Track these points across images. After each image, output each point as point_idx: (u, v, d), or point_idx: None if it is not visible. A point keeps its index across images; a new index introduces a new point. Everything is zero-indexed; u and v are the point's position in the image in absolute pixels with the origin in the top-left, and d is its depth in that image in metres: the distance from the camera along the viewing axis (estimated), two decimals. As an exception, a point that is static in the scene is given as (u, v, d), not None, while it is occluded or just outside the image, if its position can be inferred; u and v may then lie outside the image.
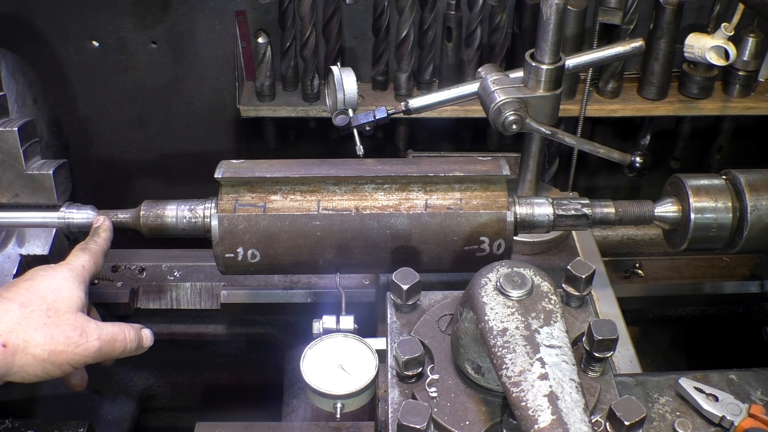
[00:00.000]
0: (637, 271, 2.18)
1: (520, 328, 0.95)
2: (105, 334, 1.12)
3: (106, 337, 1.12)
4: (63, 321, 1.08)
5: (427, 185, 1.32)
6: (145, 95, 2.32)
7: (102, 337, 1.12)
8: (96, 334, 1.11)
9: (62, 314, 1.09)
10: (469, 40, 2.13)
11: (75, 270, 1.18)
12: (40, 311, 1.07)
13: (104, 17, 2.16)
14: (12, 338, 1.02)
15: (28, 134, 1.34)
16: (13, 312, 1.05)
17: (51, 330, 1.06)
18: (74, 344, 1.08)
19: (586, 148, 1.56)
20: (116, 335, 1.15)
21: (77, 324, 1.10)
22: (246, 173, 1.31)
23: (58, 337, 1.06)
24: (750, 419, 1.10)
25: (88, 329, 1.10)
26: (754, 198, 1.34)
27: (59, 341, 1.06)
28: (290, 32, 2.13)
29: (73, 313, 1.11)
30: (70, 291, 1.13)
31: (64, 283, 1.14)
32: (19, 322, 1.04)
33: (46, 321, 1.07)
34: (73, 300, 1.13)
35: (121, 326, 1.17)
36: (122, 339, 1.16)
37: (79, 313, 1.12)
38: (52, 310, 1.09)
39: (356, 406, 1.18)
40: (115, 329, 1.15)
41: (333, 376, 1.16)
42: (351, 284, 1.89)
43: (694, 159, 2.52)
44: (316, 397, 1.17)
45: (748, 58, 2.13)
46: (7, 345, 1.01)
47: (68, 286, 1.14)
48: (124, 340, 1.16)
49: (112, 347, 1.14)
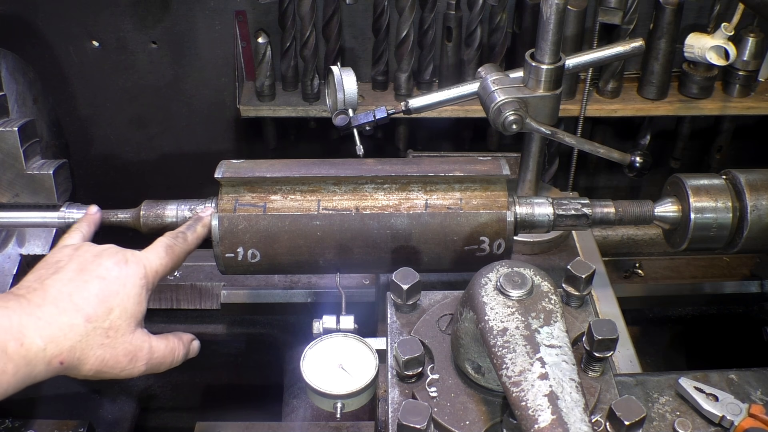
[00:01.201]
0: (637, 271, 2.19)
1: (520, 328, 0.95)
2: (154, 359, 1.08)
3: (155, 362, 1.08)
4: (119, 344, 1.03)
5: (427, 185, 1.32)
6: (145, 95, 2.32)
7: (150, 362, 1.07)
8: (145, 359, 1.06)
9: (121, 335, 1.03)
10: (469, 40, 2.13)
11: (149, 274, 1.10)
12: (102, 329, 1.01)
13: (104, 17, 2.16)
14: (70, 356, 0.97)
15: (28, 134, 1.34)
16: (78, 327, 0.99)
17: (106, 352, 1.01)
18: (120, 368, 1.04)
19: (586, 148, 1.56)
20: (165, 358, 1.10)
21: (131, 349, 1.04)
22: (246, 173, 1.31)
23: (109, 361, 1.02)
24: (750, 419, 1.10)
25: (140, 355, 1.05)
26: (754, 198, 1.34)
27: (108, 365, 1.02)
28: (290, 32, 2.13)
29: (131, 334, 1.04)
30: (135, 303, 1.06)
31: (133, 292, 1.06)
32: (80, 341, 0.98)
33: (104, 342, 1.01)
34: (135, 316, 1.06)
35: (173, 343, 1.11)
36: (170, 360, 1.11)
37: (137, 333, 1.06)
38: (113, 329, 1.02)
39: (356, 406, 1.18)
40: (166, 351, 1.09)
41: (333, 376, 1.16)
42: (351, 284, 1.89)
43: (694, 159, 2.52)
44: (316, 397, 1.17)
45: (748, 58, 2.13)
46: (64, 363, 0.97)
47: (135, 297, 1.06)
48: (172, 361, 1.11)
49: (156, 368, 1.09)
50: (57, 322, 0.97)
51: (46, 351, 0.94)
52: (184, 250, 1.19)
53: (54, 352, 0.95)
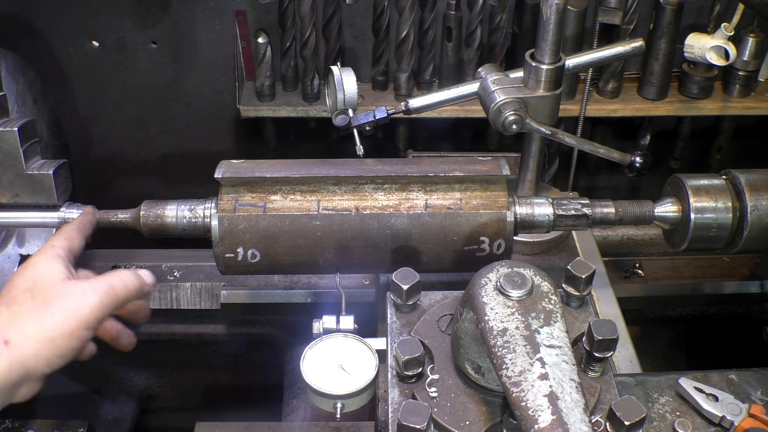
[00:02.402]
0: (637, 271, 2.18)
1: (520, 328, 0.95)
2: (101, 286, 1.08)
3: (103, 288, 1.08)
4: (50, 296, 1.05)
5: (427, 185, 1.32)
6: (145, 95, 2.32)
7: (98, 290, 1.08)
8: (90, 289, 1.07)
9: (47, 290, 1.06)
10: (469, 40, 2.13)
11: (44, 252, 1.14)
12: (26, 297, 1.04)
13: (104, 17, 2.16)
14: (11, 335, 0.99)
15: (28, 134, 1.34)
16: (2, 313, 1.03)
17: (43, 311, 1.03)
18: (73, 310, 1.04)
19: (586, 148, 1.56)
20: (112, 281, 1.10)
21: (67, 291, 1.06)
22: (246, 173, 1.31)
23: (53, 312, 1.03)
24: (750, 419, 1.10)
25: (80, 290, 1.06)
26: (754, 198, 1.34)
27: (57, 317, 1.03)
28: (290, 32, 2.13)
29: (59, 284, 1.07)
30: (47, 268, 1.09)
31: (39, 266, 1.10)
32: (11, 320, 1.01)
33: (35, 302, 1.04)
34: (52, 274, 1.08)
35: (115, 272, 1.13)
36: (120, 283, 1.11)
37: (65, 282, 1.08)
38: (35, 292, 1.05)
39: (356, 406, 1.18)
40: (108, 278, 1.11)
41: (333, 376, 1.16)
42: (351, 284, 1.89)
43: (694, 159, 2.52)
44: (316, 397, 1.17)
45: (748, 58, 2.13)
46: (8, 341, 0.98)
47: (43, 267, 1.10)
48: (123, 283, 1.12)
49: (113, 294, 1.09)
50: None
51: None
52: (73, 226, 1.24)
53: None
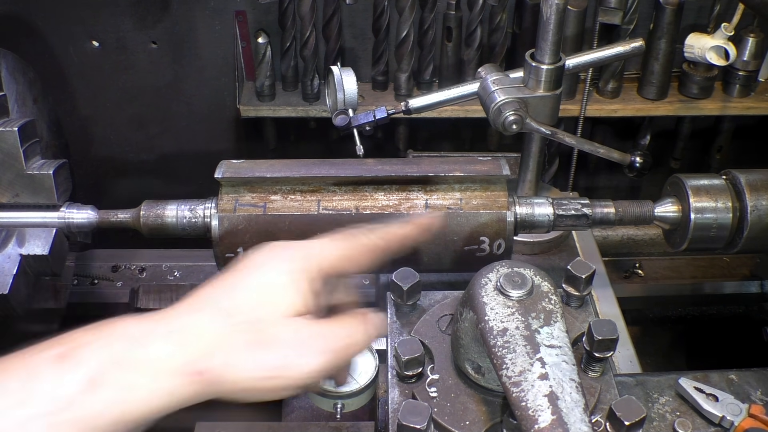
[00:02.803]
0: (637, 271, 2.19)
1: (520, 328, 0.95)
2: (332, 343, 0.83)
3: (334, 346, 0.83)
4: (271, 345, 0.79)
5: (427, 185, 1.32)
6: (145, 95, 2.32)
7: (328, 349, 0.82)
8: (318, 346, 0.81)
9: (272, 336, 0.80)
10: (469, 40, 2.13)
11: (304, 261, 0.87)
12: (245, 328, 0.79)
13: (104, 17, 2.16)
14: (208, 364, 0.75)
15: (28, 134, 1.34)
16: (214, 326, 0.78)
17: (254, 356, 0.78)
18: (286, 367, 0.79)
19: (586, 148, 1.56)
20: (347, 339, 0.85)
21: (292, 339, 0.81)
22: (246, 173, 1.31)
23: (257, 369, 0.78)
24: (750, 419, 1.10)
25: (306, 343, 0.81)
26: (754, 198, 1.34)
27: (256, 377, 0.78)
28: (290, 32, 2.13)
29: (286, 326, 0.81)
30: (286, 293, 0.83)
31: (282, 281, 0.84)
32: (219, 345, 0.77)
33: (250, 342, 0.79)
34: (288, 305, 0.82)
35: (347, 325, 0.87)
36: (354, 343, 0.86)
37: (294, 320, 0.82)
38: (260, 325, 0.80)
39: (356, 406, 1.18)
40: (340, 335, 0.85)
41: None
42: (351, 284, 1.89)
43: (694, 159, 2.52)
44: (316, 397, 1.17)
45: (748, 58, 2.13)
46: (202, 373, 0.75)
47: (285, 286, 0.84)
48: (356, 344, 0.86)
49: (343, 356, 0.84)
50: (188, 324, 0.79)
51: (175, 357, 0.75)
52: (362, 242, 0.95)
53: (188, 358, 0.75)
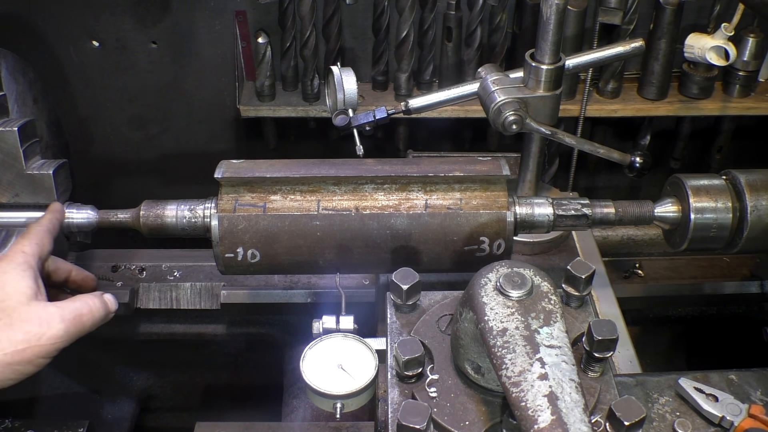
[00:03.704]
0: (637, 271, 2.18)
1: (519, 328, 0.95)
2: (68, 314, 1.07)
3: (70, 316, 1.07)
4: (15, 317, 1.03)
5: (427, 185, 1.32)
6: (145, 95, 2.32)
7: (65, 318, 1.06)
8: (57, 317, 1.05)
9: (13, 310, 1.03)
10: (469, 40, 2.13)
11: (14, 259, 1.11)
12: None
13: (104, 17, 2.16)
14: None
15: (28, 134, 1.34)
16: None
17: (5, 332, 1.01)
18: (36, 337, 1.02)
19: (586, 148, 1.56)
20: (80, 310, 1.09)
21: (32, 315, 1.04)
22: (246, 173, 1.31)
23: (15, 336, 1.01)
24: (750, 419, 1.10)
25: (47, 315, 1.05)
26: (754, 198, 1.34)
27: (18, 340, 1.01)
28: (290, 32, 2.13)
29: (26, 305, 1.05)
30: (15, 282, 1.07)
31: (5, 277, 1.07)
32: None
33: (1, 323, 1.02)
34: (20, 291, 1.06)
35: (83, 298, 1.12)
36: (87, 312, 1.10)
37: (32, 303, 1.06)
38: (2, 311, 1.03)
39: (356, 406, 1.18)
40: (76, 304, 1.10)
41: (333, 376, 1.16)
42: (351, 284, 1.89)
43: (694, 159, 2.52)
44: (316, 397, 1.17)
45: (748, 58, 2.13)
46: None
47: (11, 279, 1.07)
48: (90, 312, 1.11)
49: (80, 323, 1.08)
50: None
51: None
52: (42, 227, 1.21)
53: None
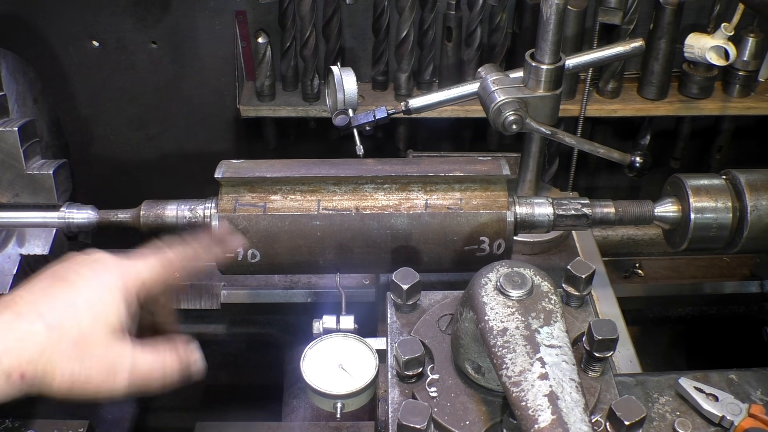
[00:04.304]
0: (637, 271, 2.18)
1: (520, 328, 0.95)
2: (138, 371, 0.95)
3: (139, 374, 0.96)
4: (92, 353, 0.92)
5: (427, 185, 1.32)
6: (145, 95, 2.32)
7: (134, 374, 0.95)
8: (126, 372, 0.94)
9: (93, 346, 0.92)
10: (469, 40, 2.13)
11: (126, 278, 0.98)
12: (68, 339, 0.90)
13: (104, 17, 2.16)
14: (31, 369, 0.87)
15: (28, 134, 1.34)
16: (38, 336, 0.88)
17: (74, 365, 0.90)
18: (96, 383, 0.92)
19: (586, 148, 1.56)
20: (152, 372, 0.97)
21: (108, 360, 0.93)
22: (246, 173, 1.31)
23: (81, 375, 0.91)
24: (750, 419, 1.10)
25: (119, 368, 0.94)
26: (754, 198, 1.34)
27: (80, 380, 0.91)
28: (290, 32, 2.13)
29: (104, 345, 0.93)
30: (111, 312, 0.95)
31: (106, 293, 0.95)
32: (42, 351, 0.88)
33: (73, 350, 0.90)
34: (112, 325, 0.94)
35: (161, 356, 0.98)
36: (159, 375, 0.98)
37: (113, 344, 0.94)
38: (82, 339, 0.91)
39: (356, 406, 1.18)
40: (151, 363, 0.97)
41: (333, 376, 1.16)
42: (351, 284, 1.89)
43: (694, 159, 2.52)
44: (316, 397, 1.17)
45: (748, 58, 2.13)
46: (25, 377, 0.86)
47: (109, 299, 0.95)
48: (162, 376, 0.98)
49: (145, 383, 0.97)
50: (14, 331, 0.88)
51: (1, 362, 0.85)
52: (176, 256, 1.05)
53: (11, 363, 0.85)
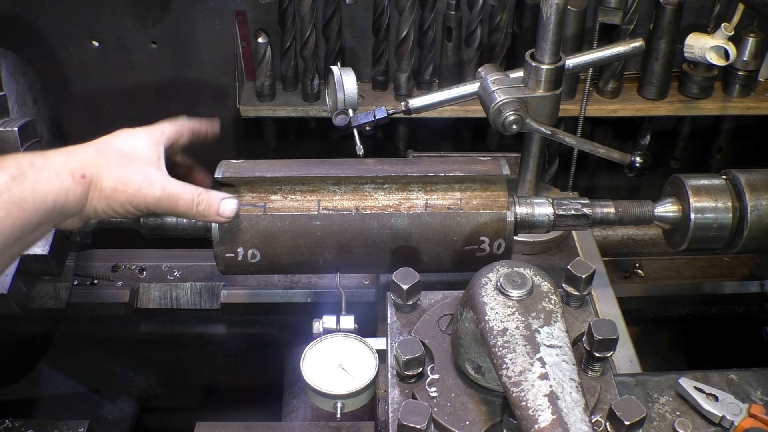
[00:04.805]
0: (637, 271, 2.19)
1: (520, 328, 0.95)
2: (169, 188, 1.15)
3: (170, 191, 1.15)
4: (132, 167, 1.13)
5: (427, 185, 1.32)
6: (145, 95, 2.32)
7: (166, 189, 1.14)
8: (160, 184, 1.14)
9: (133, 161, 1.14)
10: (469, 40, 2.13)
11: (153, 133, 1.22)
12: (113, 157, 1.13)
13: (104, 17, 2.16)
14: (88, 170, 1.08)
15: (28, 134, 1.34)
16: (89, 151, 1.12)
17: (119, 170, 1.11)
18: (136, 187, 1.11)
19: (586, 148, 1.56)
20: (182, 194, 1.16)
21: (145, 173, 1.14)
22: (246, 173, 1.31)
23: (123, 177, 1.11)
24: (750, 419, 1.10)
25: (154, 179, 1.14)
26: (754, 198, 1.34)
27: (122, 181, 1.11)
28: (290, 32, 2.13)
29: (144, 164, 1.15)
30: (145, 147, 1.18)
31: (140, 141, 1.19)
32: (94, 160, 1.10)
33: (117, 162, 1.12)
34: (146, 154, 1.17)
35: (192, 188, 1.17)
36: (188, 199, 1.16)
37: (149, 166, 1.16)
38: (125, 157, 1.15)
39: (356, 405, 1.18)
40: (182, 188, 1.16)
41: (333, 375, 1.16)
42: (351, 284, 1.89)
43: (694, 159, 2.52)
44: (316, 397, 1.17)
45: (748, 58, 2.13)
46: (85, 176, 1.07)
47: (143, 144, 1.19)
48: (190, 201, 1.17)
49: (174, 203, 1.15)
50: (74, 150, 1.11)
51: (67, 163, 1.06)
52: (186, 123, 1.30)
53: (75, 165, 1.06)
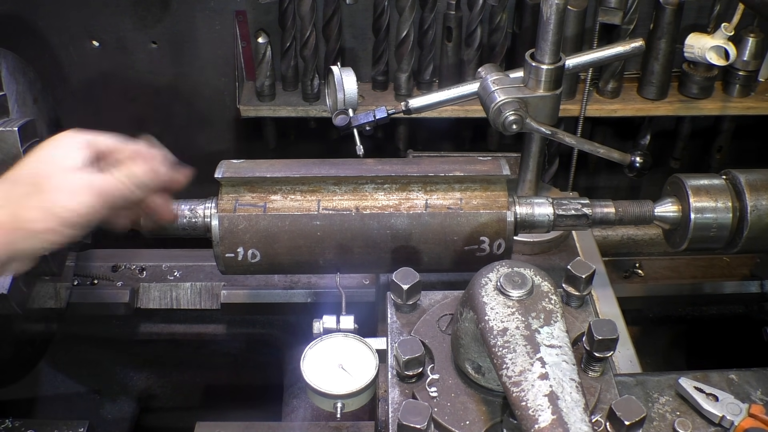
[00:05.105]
0: (637, 271, 2.19)
1: (520, 328, 0.95)
2: (104, 188, 1.03)
3: (107, 190, 1.03)
4: (46, 186, 1.00)
5: (427, 185, 1.32)
6: (145, 95, 2.32)
7: (95, 192, 1.02)
8: (88, 188, 1.02)
9: (48, 179, 1.01)
10: (469, 40, 2.13)
11: (82, 135, 1.09)
12: (25, 181, 1.01)
13: (104, 17, 2.16)
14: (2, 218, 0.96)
15: (28, 134, 1.34)
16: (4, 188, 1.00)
17: (36, 197, 0.99)
18: (64, 205, 0.99)
19: (586, 148, 1.56)
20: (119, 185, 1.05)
21: (63, 184, 1.01)
22: (246, 173, 1.31)
23: (45, 201, 0.99)
24: (750, 419, 1.10)
25: (76, 186, 1.01)
26: (754, 198, 1.34)
27: (47, 205, 0.99)
28: (290, 32, 2.13)
29: (62, 174, 1.02)
30: (64, 153, 1.04)
31: (59, 145, 1.06)
32: (5, 199, 0.98)
33: (31, 188, 1.00)
34: (66, 160, 1.03)
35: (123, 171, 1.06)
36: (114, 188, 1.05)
37: (67, 174, 1.02)
38: (39, 176, 1.01)
39: (356, 405, 1.18)
40: (114, 180, 1.05)
41: (333, 375, 1.16)
42: (351, 284, 1.89)
43: (694, 159, 2.52)
44: (316, 397, 1.17)
45: (748, 58, 2.13)
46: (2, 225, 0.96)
47: (62, 148, 1.05)
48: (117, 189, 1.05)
49: (110, 196, 1.04)
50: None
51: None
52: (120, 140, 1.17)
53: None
